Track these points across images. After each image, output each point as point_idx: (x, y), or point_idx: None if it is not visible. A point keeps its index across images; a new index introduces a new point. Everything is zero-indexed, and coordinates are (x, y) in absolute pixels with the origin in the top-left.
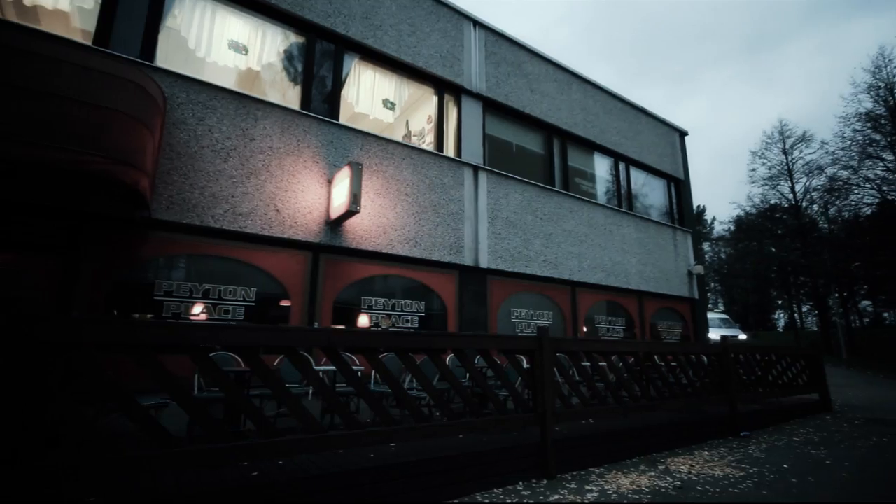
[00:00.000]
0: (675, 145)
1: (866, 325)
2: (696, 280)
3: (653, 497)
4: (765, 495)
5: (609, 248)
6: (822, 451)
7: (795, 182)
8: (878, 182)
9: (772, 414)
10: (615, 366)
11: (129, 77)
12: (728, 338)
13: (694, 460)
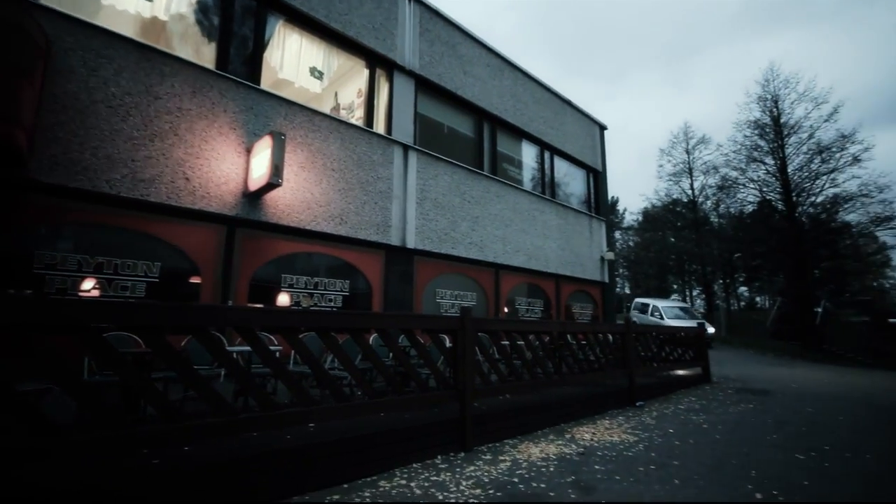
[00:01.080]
0: (595, 138)
1: (742, 308)
2: (608, 265)
3: (559, 463)
4: (652, 457)
5: (532, 232)
6: (701, 416)
7: (694, 179)
8: (760, 183)
9: (663, 386)
10: (532, 344)
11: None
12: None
13: (596, 429)
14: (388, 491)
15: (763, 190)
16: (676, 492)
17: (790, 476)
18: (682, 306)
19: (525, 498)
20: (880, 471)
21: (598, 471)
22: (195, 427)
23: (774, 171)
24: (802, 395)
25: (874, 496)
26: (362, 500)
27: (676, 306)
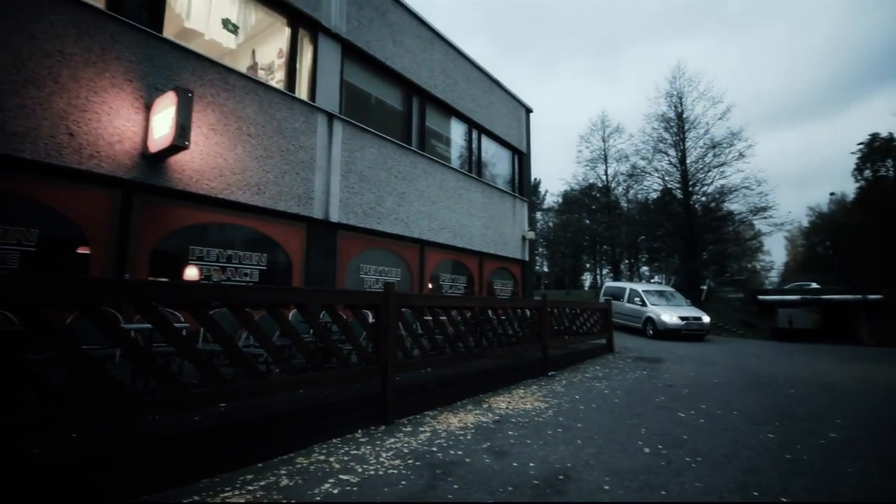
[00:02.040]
0: (521, 120)
1: None
2: (528, 244)
3: (476, 431)
4: (560, 421)
5: (457, 210)
6: (603, 383)
7: (608, 166)
8: (663, 173)
9: (573, 356)
10: (455, 320)
11: None
12: (610, 303)
13: (511, 398)
14: (306, 467)
15: (665, 179)
16: (578, 451)
17: (674, 432)
18: (660, 290)
19: (442, 465)
20: (744, 426)
21: (512, 436)
22: (76, 413)
23: (676, 162)
24: (688, 360)
25: (740, 445)
26: (277, 478)
27: (653, 289)
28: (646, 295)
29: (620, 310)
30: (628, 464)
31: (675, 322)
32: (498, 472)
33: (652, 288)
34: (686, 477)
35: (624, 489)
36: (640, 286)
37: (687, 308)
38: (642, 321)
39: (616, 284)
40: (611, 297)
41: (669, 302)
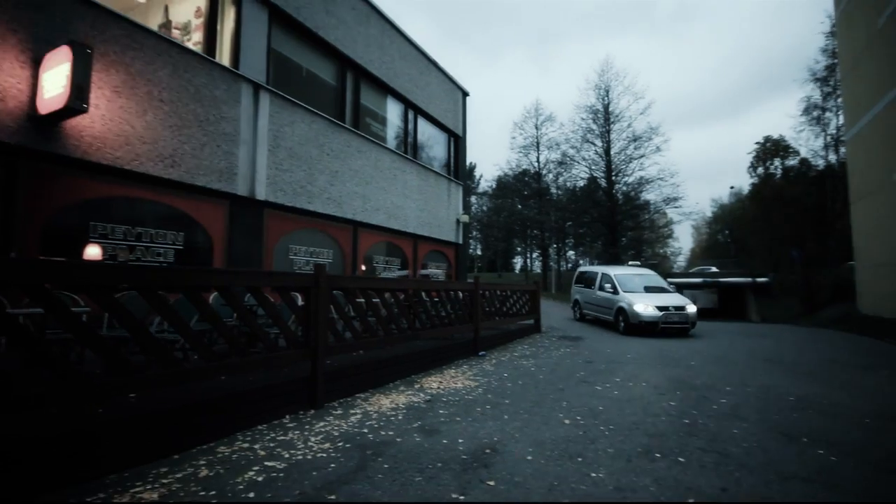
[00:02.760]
0: (457, 103)
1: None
2: (462, 227)
3: (407, 411)
4: (489, 398)
5: (392, 191)
6: (530, 361)
7: (540, 153)
8: (590, 162)
9: (503, 336)
10: (388, 302)
11: None
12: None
13: (443, 377)
14: (228, 456)
15: (592, 168)
16: (505, 426)
17: (591, 404)
18: (641, 273)
19: (373, 446)
20: (651, 396)
21: (442, 415)
22: None
23: (602, 152)
24: (605, 338)
25: (647, 413)
26: (196, 469)
27: (632, 273)
28: (619, 279)
29: (591, 299)
30: (550, 434)
31: (651, 313)
32: (428, 449)
33: (627, 271)
34: (600, 444)
35: (545, 458)
36: (614, 269)
37: (668, 296)
38: (614, 312)
39: (588, 269)
40: (582, 284)
41: (649, 288)
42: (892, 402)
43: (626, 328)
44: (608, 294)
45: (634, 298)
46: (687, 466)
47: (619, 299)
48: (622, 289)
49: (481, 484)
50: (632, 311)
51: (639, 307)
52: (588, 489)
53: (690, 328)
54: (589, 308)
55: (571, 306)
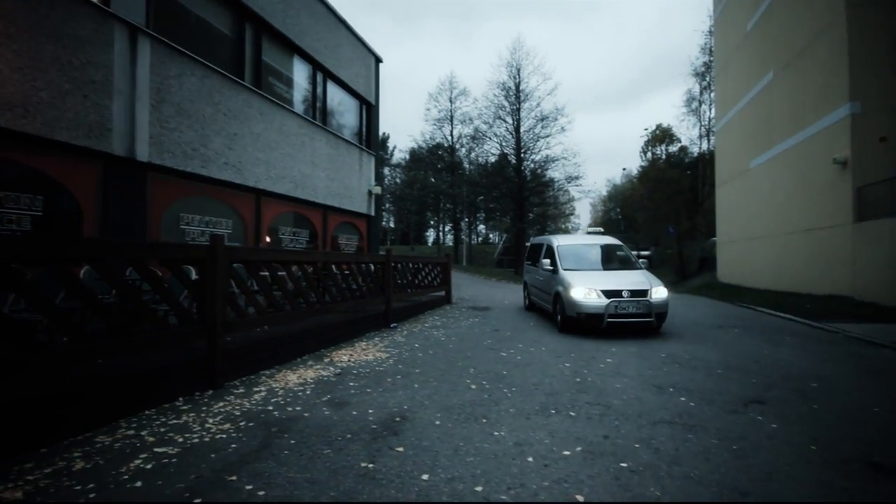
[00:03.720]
0: (370, 69)
1: (480, 242)
2: (374, 199)
3: (316, 386)
4: (400, 369)
5: (300, 159)
6: (441, 331)
7: (454, 127)
8: (501, 139)
9: (414, 308)
10: (295, 275)
11: None
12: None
13: (354, 350)
14: (109, 446)
15: (503, 145)
16: (415, 394)
17: (496, 369)
18: (605, 244)
19: (279, 423)
20: (550, 359)
21: (352, 387)
22: None
23: (512, 129)
24: (510, 308)
25: (545, 374)
26: (69, 462)
27: (586, 243)
28: (560, 252)
29: (535, 281)
30: (457, 399)
31: (593, 302)
32: (337, 422)
33: (575, 240)
34: (503, 405)
35: (452, 422)
36: (560, 238)
37: (626, 274)
38: (552, 299)
39: (539, 239)
40: (531, 260)
41: (606, 263)
42: (737, 354)
43: (561, 323)
44: (548, 273)
45: (575, 279)
46: (577, 419)
47: (557, 281)
48: (562, 265)
49: (390, 451)
50: (567, 299)
51: (576, 292)
52: (491, 447)
53: (655, 323)
54: (534, 293)
55: (523, 289)
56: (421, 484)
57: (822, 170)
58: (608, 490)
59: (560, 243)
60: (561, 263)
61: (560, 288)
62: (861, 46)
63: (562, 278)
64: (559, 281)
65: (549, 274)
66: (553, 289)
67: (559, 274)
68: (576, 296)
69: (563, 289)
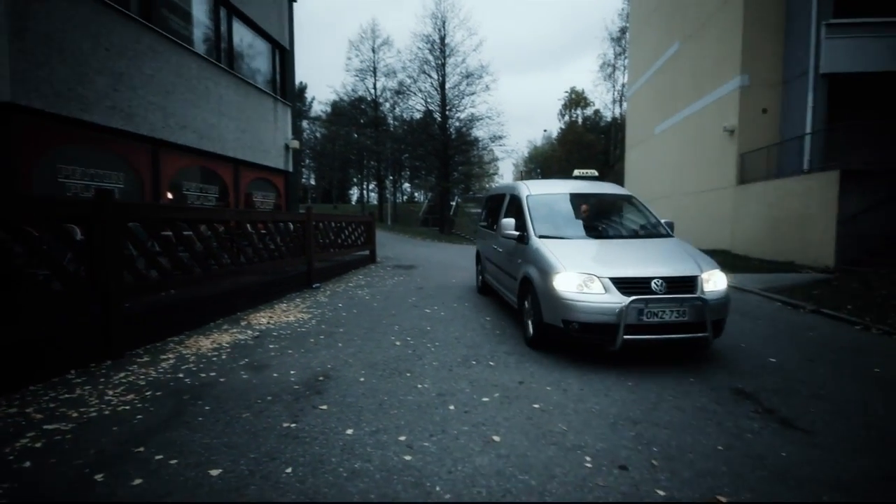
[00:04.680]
0: (282, 8)
1: (405, 201)
2: (292, 154)
3: (232, 350)
4: (323, 329)
5: (204, 107)
6: (365, 290)
7: (377, 80)
8: (426, 95)
9: (338, 268)
10: (204, 235)
11: None
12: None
13: (273, 312)
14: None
15: (427, 101)
16: (339, 353)
17: (420, 325)
18: (603, 194)
19: (191, 390)
20: (471, 314)
21: (272, 349)
22: None
23: (437, 85)
24: (435, 266)
25: (467, 328)
26: None
27: (574, 192)
28: (534, 207)
29: (491, 253)
30: (382, 356)
31: (598, 302)
32: (257, 385)
33: (555, 188)
34: (426, 359)
35: (377, 378)
36: (535, 185)
37: (651, 245)
38: (517, 287)
39: (500, 188)
40: (486, 223)
41: (606, 225)
42: None
43: (534, 335)
44: (510, 241)
45: (561, 255)
46: (495, 369)
47: (528, 257)
48: (536, 229)
49: (314, 410)
50: (547, 294)
51: (564, 281)
52: (415, 398)
53: (710, 339)
54: (491, 272)
55: (476, 262)
56: (345, 439)
57: (715, 137)
58: (521, 429)
59: (532, 192)
60: (534, 227)
61: (532, 271)
62: (754, 22)
63: (536, 253)
64: (531, 257)
65: (512, 244)
66: (520, 270)
67: (531, 245)
68: (564, 288)
69: (539, 273)
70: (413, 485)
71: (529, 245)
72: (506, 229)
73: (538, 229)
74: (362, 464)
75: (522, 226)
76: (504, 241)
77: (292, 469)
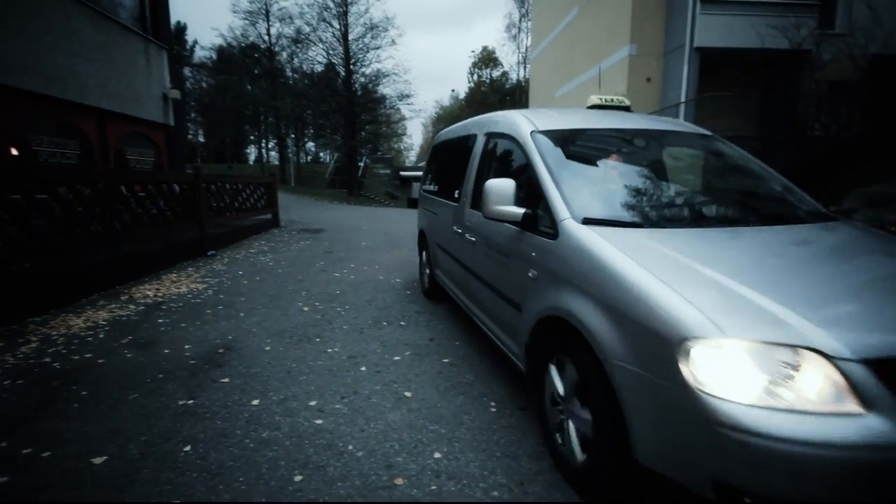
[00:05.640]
0: None
1: (309, 161)
2: (172, 106)
3: (112, 328)
4: (221, 298)
5: (51, 44)
6: (268, 256)
7: (271, 25)
8: (327, 46)
9: (236, 233)
10: (65, 199)
11: None
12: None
13: (161, 284)
14: None
15: (329, 53)
16: (241, 323)
17: (329, 290)
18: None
19: (62, 375)
20: (382, 276)
21: (162, 324)
22: None
23: (339, 36)
24: (343, 229)
25: (377, 290)
26: None
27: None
28: (551, 157)
29: (448, 239)
30: (289, 324)
31: (830, 439)
32: (145, 363)
33: (581, 122)
34: (337, 323)
35: (283, 346)
36: (536, 116)
37: (879, 262)
38: (528, 328)
39: (459, 127)
40: (435, 184)
41: (700, 198)
42: None
43: (605, 481)
44: (506, 228)
45: (671, 267)
46: (406, 328)
47: (555, 262)
48: (571, 202)
49: (214, 384)
50: (649, 385)
51: (719, 362)
52: (325, 363)
53: None
54: (449, 267)
55: (418, 244)
56: (251, 410)
57: None
58: (432, 383)
59: (542, 127)
60: (566, 199)
61: (585, 311)
62: None
63: (592, 263)
64: (575, 271)
65: (508, 233)
66: (538, 296)
67: (568, 241)
68: (723, 388)
69: (617, 326)
70: (325, 447)
71: (563, 241)
72: (495, 203)
73: (577, 204)
74: (271, 432)
75: (534, 196)
76: (486, 226)
77: (191, 447)
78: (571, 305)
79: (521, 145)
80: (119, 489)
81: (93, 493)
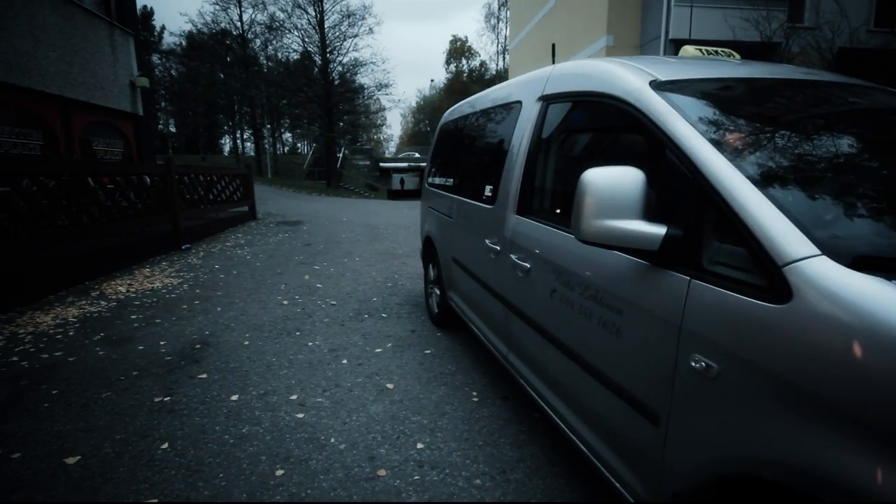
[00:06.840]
0: None
1: (286, 152)
2: (141, 94)
3: (82, 325)
4: (197, 293)
5: (11, 29)
6: (245, 249)
7: (244, 10)
8: (303, 33)
9: (211, 226)
10: (28, 191)
11: None
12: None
13: (134, 279)
14: None
15: (305, 40)
16: (218, 318)
17: (310, 284)
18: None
19: (29, 374)
20: (362, 268)
21: (135, 320)
22: None
23: (315, 23)
24: (323, 221)
25: (358, 283)
26: None
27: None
28: (705, 126)
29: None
30: (268, 317)
31: None
32: (118, 360)
33: (729, 70)
34: (317, 316)
35: (263, 340)
36: (654, 65)
37: None
38: None
39: (500, 88)
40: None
41: None
42: None
43: None
44: (618, 265)
45: None
46: (388, 320)
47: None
48: (787, 208)
49: (191, 380)
50: None
51: None
52: (305, 357)
53: None
54: (471, 300)
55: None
56: (230, 405)
57: None
58: (414, 374)
59: (666, 74)
60: (788, 208)
61: None
62: None
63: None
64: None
65: (631, 276)
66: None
67: (852, 312)
68: None
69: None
70: (307, 440)
71: (806, 307)
72: (602, 214)
73: (823, 222)
74: (251, 427)
75: (688, 203)
76: (565, 250)
77: (169, 444)
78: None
79: (640, 110)
80: (94, 489)
81: (66, 493)
